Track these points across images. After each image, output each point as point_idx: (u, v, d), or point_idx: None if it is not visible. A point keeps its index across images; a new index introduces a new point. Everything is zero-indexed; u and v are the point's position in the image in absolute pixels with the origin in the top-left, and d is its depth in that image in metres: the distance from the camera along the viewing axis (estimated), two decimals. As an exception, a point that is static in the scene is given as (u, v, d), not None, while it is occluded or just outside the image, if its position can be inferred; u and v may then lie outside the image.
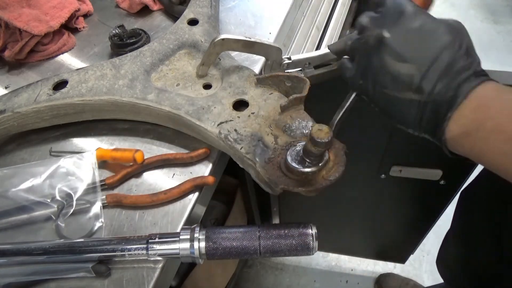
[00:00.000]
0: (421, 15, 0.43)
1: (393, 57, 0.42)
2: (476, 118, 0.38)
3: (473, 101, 0.39)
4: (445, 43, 0.41)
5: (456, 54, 0.40)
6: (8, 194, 0.54)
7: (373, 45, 0.43)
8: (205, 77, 0.64)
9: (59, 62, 0.78)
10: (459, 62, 0.40)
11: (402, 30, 0.42)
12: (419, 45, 0.41)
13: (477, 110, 0.38)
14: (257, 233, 0.47)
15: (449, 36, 0.41)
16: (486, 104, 0.38)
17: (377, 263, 1.59)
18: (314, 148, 0.45)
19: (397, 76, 0.42)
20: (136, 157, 0.57)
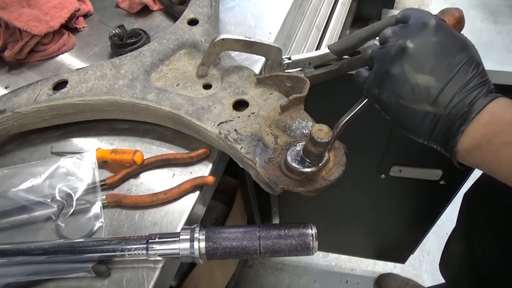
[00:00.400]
0: (444, 29, 0.44)
1: (414, 68, 0.43)
2: (487, 133, 0.40)
3: (485, 116, 0.41)
4: (464, 60, 0.43)
5: (473, 71, 0.42)
6: (8, 194, 0.54)
7: (395, 54, 0.44)
8: (205, 77, 0.64)
9: (59, 62, 0.78)
10: (476, 79, 0.42)
11: (425, 42, 0.44)
12: (440, 59, 0.43)
13: (489, 125, 0.40)
14: (257, 233, 0.47)
15: (467, 53, 0.43)
16: (497, 119, 0.40)
17: (377, 263, 1.59)
18: (314, 148, 0.45)
19: (415, 86, 0.43)
20: (135, 159, 0.57)
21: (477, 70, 0.43)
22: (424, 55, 0.43)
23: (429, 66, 0.43)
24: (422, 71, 0.43)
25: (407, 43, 0.44)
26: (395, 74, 0.44)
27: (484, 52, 0.45)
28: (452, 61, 0.42)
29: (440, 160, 0.91)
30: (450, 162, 0.90)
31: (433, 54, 0.43)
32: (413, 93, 0.43)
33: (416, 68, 0.43)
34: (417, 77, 0.43)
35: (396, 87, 0.45)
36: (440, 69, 0.42)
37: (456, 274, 1.05)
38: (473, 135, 0.41)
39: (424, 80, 0.43)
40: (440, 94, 0.42)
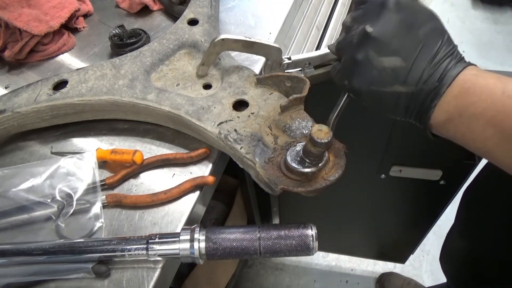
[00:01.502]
0: (403, 6, 0.43)
1: (378, 52, 0.42)
2: (458, 105, 0.40)
3: (455, 88, 0.40)
4: (428, 32, 0.41)
5: (439, 42, 0.41)
6: (8, 194, 0.54)
7: (358, 41, 0.44)
8: (205, 77, 0.64)
9: (59, 62, 0.78)
10: (442, 49, 0.41)
11: (385, 23, 0.42)
12: (403, 37, 0.42)
13: (459, 97, 0.40)
14: (257, 234, 0.47)
15: (431, 25, 0.42)
16: (467, 90, 0.39)
17: (377, 263, 1.59)
18: (314, 148, 0.45)
19: (383, 70, 0.42)
20: (135, 159, 0.57)
21: (443, 40, 0.42)
22: (387, 37, 0.42)
23: (393, 47, 0.42)
24: (387, 54, 0.42)
25: (367, 28, 0.43)
26: (360, 62, 0.44)
27: (484, 52, 0.45)
28: (416, 37, 0.41)
29: (440, 160, 0.91)
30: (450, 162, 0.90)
31: (395, 34, 0.42)
32: (382, 77, 0.42)
33: (380, 52, 0.42)
34: (383, 60, 0.42)
35: (364, 74, 0.44)
36: (405, 48, 0.41)
37: (457, 269, 1.05)
38: (445, 109, 0.41)
39: (390, 62, 0.42)
40: (409, 73, 0.41)
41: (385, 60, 0.42)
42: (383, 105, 0.45)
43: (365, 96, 0.45)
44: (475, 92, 0.39)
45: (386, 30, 0.42)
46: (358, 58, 0.44)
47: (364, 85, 0.44)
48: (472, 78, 0.40)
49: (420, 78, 0.41)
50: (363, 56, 0.43)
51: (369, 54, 0.43)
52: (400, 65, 0.41)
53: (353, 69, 0.45)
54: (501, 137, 0.37)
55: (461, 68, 0.40)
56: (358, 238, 1.39)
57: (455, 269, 1.07)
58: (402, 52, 0.41)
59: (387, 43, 0.42)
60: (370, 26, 0.43)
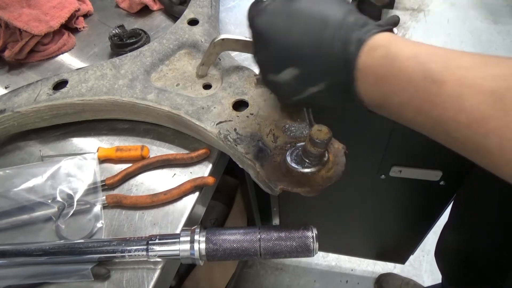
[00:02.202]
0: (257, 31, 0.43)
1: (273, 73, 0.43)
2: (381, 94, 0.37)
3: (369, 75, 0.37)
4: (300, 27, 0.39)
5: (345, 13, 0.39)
6: (9, 194, 0.54)
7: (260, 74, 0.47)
8: (205, 77, 0.64)
9: (59, 62, 0.78)
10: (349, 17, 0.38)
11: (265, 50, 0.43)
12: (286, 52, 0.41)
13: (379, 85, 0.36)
14: (257, 235, 0.47)
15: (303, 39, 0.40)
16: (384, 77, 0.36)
17: (377, 263, 1.59)
18: (313, 149, 0.44)
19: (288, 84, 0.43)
20: (144, 154, 0.58)
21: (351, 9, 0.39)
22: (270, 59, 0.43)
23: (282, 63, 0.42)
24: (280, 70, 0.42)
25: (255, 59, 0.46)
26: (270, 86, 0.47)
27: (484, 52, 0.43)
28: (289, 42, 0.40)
29: (440, 161, 0.91)
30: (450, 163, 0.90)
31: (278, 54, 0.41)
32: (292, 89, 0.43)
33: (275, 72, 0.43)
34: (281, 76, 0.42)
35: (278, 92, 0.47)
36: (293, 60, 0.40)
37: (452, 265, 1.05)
38: (370, 98, 0.38)
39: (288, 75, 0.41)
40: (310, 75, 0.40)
41: (283, 75, 0.42)
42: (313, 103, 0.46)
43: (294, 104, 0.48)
44: (395, 80, 0.35)
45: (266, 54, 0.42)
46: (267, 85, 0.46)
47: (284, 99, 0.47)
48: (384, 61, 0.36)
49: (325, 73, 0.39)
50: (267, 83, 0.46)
51: (268, 79, 0.44)
52: (298, 73, 0.40)
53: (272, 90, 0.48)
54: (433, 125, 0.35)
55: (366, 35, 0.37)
56: (358, 238, 1.39)
57: (449, 265, 1.07)
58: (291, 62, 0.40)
59: (273, 63, 0.42)
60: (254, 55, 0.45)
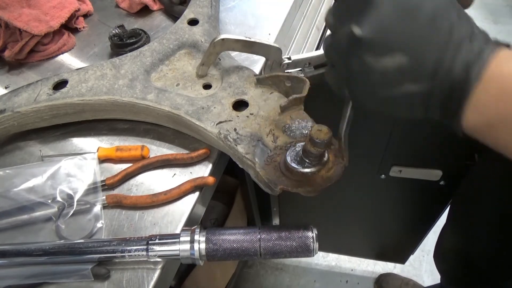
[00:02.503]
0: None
1: (375, 54, 0.34)
2: (499, 107, 0.31)
3: (492, 83, 0.31)
4: (432, 12, 0.32)
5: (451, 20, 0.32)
6: (9, 194, 0.54)
7: (347, 48, 0.36)
8: (205, 77, 0.64)
9: (59, 62, 0.78)
10: (458, 29, 0.32)
11: (375, 18, 0.33)
12: (401, 28, 0.33)
13: (500, 96, 0.31)
14: (257, 235, 0.47)
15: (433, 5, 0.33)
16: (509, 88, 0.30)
17: (377, 263, 1.59)
18: (313, 149, 0.45)
19: (385, 72, 0.34)
20: (144, 154, 0.58)
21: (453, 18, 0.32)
22: (380, 34, 0.33)
23: (392, 43, 0.33)
24: (386, 53, 0.33)
25: (354, 30, 0.34)
26: (356, 70, 0.36)
27: None
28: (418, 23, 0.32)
29: (440, 161, 0.91)
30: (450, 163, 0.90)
31: (390, 28, 0.33)
32: (386, 80, 0.35)
33: (377, 53, 0.34)
34: (383, 61, 0.34)
35: (364, 81, 0.36)
36: (407, 40, 0.33)
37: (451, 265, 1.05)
38: (481, 111, 0.32)
39: (393, 62, 0.33)
40: (419, 69, 0.33)
41: (386, 61, 0.34)
42: (395, 109, 0.37)
43: (371, 104, 0.38)
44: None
45: (377, 27, 0.33)
46: (353, 67, 0.36)
47: (367, 93, 0.37)
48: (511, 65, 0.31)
49: (435, 72, 0.33)
50: (358, 64, 0.35)
51: (364, 60, 0.35)
52: (405, 62, 0.33)
53: (350, 77, 0.38)
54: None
55: (489, 52, 0.31)
56: (358, 238, 1.39)
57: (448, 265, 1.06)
58: (404, 46, 0.33)
59: (382, 42, 0.33)
60: (357, 26, 0.34)
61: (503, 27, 2.49)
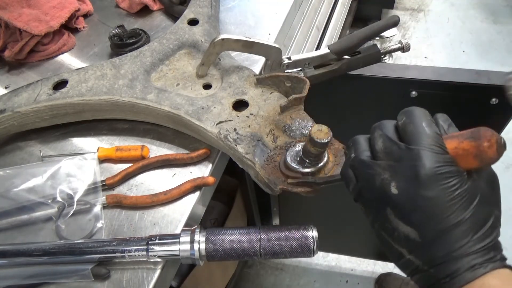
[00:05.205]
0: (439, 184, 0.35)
1: (396, 213, 0.37)
2: None
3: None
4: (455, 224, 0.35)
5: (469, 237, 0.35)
6: (9, 194, 0.54)
7: (378, 189, 0.38)
8: (205, 77, 0.64)
9: (59, 62, 0.78)
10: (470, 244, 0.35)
11: (411, 192, 0.36)
12: (426, 215, 0.36)
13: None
14: (257, 235, 0.47)
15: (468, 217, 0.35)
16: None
17: (377, 263, 1.59)
18: (313, 149, 0.44)
19: (396, 230, 0.38)
20: (144, 154, 0.58)
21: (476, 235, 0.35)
22: (408, 206, 0.36)
23: (413, 219, 0.36)
24: (404, 221, 0.37)
25: (391, 187, 0.37)
26: (377, 209, 0.39)
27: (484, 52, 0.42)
28: (443, 223, 0.35)
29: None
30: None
31: (418, 208, 0.36)
32: (393, 235, 0.38)
33: (398, 215, 0.37)
34: (398, 223, 0.37)
35: (378, 218, 0.39)
36: (425, 226, 0.36)
37: None
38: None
39: (405, 229, 0.37)
40: (420, 249, 0.37)
41: (401, 225, 0.37)
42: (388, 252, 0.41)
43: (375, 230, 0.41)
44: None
45: (409, 199, 0.36)
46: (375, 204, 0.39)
47: (377, 225, 0.40)
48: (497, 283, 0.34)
49: (430, 260, 0.36)
50: (381, 208, 0.38)
51: (386, 210, 0.38)
52: (413, 237, 0.36)
53: (368, 207, 0.41)
54: None
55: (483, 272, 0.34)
56: (358, 238, 1.39)
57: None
58: (420, 228, 0.36)
59: (407, 212, 0.36)
60: (395, 187, 0.37)
61: (503, 27, 2.48)
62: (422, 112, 0.39)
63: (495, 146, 0.33)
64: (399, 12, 2.64)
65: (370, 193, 0.40)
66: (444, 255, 0.35)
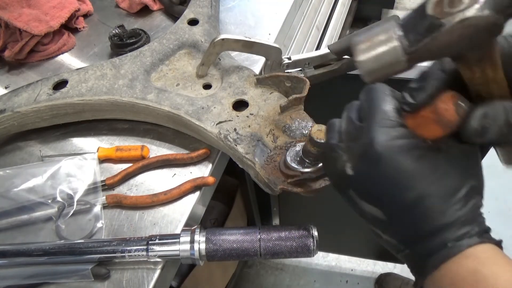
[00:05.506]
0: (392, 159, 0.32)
1: (358, 194, 0.36)
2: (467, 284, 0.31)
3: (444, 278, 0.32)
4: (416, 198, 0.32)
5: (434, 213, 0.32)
6: (9, 194, 0.54)
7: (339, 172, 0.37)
8: (205, 77, 0.64)
9: (59, 62, 0.78)
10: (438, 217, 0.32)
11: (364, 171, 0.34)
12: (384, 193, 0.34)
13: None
14: (257, 235, 0.47)
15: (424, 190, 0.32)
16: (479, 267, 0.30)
17: (377, 263, 1.59)
18: (313, 149, 0.44)
19: (363, 212, 0.36)
20: (144, 154, 0.58)
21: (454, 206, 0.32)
22: (365, 186, 0.35)
23: (372, 198, 0.35)
24: (366, 201, 0.35)
25: (347, 168, 0.35)
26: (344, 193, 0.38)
27: None
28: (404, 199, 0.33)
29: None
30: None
31: (374, 186, 0.34)
32: (366, 217, 0.37)
33: (359, 196, 0.36)
34: (362, 204, 0.36)
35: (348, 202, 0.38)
36: (387, 204, 0.34)
37: None
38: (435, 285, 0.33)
39: (370, 209, 0.35)
40: (390, 228, 0.35)
41: (365, 206, 0.35)
42: (372, 234, 0.39)
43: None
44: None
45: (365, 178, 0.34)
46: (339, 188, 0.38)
47: (351, 208, 0.39)
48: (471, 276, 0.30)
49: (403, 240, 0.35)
50: (345, 194, 0.38)
51: (349, 192, 0.37)
52: (380, 216, 0.35)
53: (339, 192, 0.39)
54: None
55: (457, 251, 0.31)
56: (358, 238, 1.39)
57: None
58: (383, 206, 0.34)
59: (365, 192, 0.35)
60: (350, 167, 0.35)
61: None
62: (380, 88, 0.36)
63: (452, 107, 0.30)
64: (399, 12, 2.64)
65: (334, 177, 0.39)
66: (413, 233, 0.33)
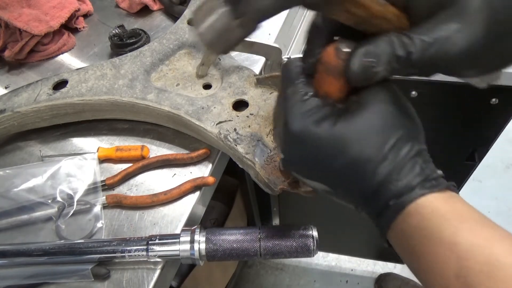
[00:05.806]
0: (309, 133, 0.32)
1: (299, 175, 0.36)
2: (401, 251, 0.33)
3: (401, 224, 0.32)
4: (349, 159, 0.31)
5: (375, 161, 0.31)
6: (9, 194, 0.54)
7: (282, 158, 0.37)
8: (205, 77, 0.64)
9: (59, 62, 0.78)
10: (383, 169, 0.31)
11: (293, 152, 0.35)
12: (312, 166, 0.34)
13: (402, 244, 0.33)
14: (257, 235, 0.47)
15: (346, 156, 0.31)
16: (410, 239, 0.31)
17: (377, 263, 1.59)
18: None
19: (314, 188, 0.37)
20: (144, 154, 0.58)
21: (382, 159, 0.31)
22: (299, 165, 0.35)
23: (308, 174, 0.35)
24: (308, 179, 0.35)
25: (280, 155, 0.36)
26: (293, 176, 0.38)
27: None
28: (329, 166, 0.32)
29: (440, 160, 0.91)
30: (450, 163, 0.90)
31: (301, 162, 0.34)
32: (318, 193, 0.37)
33: (301, 175, 0.36)
34: (308, 182, 0.36)
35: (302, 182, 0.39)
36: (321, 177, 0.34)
37: None
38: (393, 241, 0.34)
39: (316, 185, 0.35)
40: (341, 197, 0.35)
41: (310, 183, 0.36)
42: None
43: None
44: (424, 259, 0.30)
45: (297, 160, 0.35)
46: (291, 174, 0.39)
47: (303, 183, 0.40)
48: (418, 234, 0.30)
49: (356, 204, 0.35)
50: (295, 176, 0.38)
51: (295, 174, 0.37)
52: (327, 189, 0.35)
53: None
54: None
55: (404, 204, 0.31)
56: (358, 238, 1.39)
57: None
58: (321, 179, 0.34)
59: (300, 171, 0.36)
60: (281, 151, 0.36)
61: (503, 27, 2.48)
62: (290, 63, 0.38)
63: (332, 52, 0.29)
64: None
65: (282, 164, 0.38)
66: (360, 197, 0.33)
